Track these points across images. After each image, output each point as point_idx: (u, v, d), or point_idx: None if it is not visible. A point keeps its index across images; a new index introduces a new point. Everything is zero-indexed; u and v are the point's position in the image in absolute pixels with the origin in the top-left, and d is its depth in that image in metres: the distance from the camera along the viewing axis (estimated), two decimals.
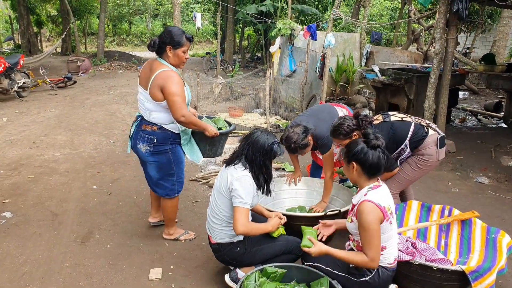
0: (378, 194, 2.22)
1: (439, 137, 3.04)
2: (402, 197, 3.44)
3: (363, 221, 2.15)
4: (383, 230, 2.20)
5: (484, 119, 7.79)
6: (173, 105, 2.74)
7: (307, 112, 3.64)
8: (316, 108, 3.78)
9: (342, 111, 3.60)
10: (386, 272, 2.30)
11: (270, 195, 2.61)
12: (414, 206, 3.16)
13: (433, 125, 3.16)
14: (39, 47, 18.12)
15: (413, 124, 3.04)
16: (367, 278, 2.28)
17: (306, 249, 2.31)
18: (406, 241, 2.78)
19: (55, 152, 5.45)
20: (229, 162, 2.53)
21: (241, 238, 2.56)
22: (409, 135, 3.01)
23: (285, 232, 2.67)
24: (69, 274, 2.85)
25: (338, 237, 3.28)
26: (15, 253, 3.10)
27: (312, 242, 2.32)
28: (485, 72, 6.93)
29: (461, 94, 9.75)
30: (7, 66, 7.88)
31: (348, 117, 3.05)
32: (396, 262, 2.35)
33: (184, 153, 3.11)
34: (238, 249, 2.54)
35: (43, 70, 9.91)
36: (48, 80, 9.71)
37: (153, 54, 2.94)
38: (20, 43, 16.98)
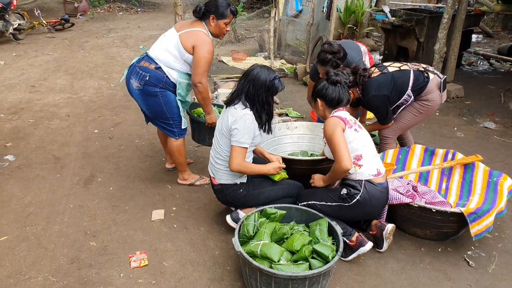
0: (340, 112, 2.39)
1: (442, 80, 2.95)
2: (402, 143, 3.39)
3: (326, 134, 2.33)
4: (349, 137, 2.32)
5: (496, 63, 7.48)
6: (197, 67, 2.78)
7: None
8: (340, 41, 3.58)
9: (363, 47, 3.46)
10: (373, 186, 2.33)
11: (271, 133, 2.59)
12: (417, 150, 3.12)
13: (431, 68, 3.04)
14: None
15: (412, 71, 2.92)
16: (357, 198, 2.33)
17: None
18: (408, 184, 2.77)
19: (55, 96, 5.37)
20: (229, 102, 2.45)
21: (244, 180, 2.56)
22: (410, 84, 2.90)
23: (287, 176, 2.66)
24: (73, 215, 2.91)
25: None
26: (20, 194, 3.16)
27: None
28: (502, 12, 6.52)
29: (474, 37, 9.29)
30: (0, 6, 7.54)
31: (345, 71, 2.87)
32: (380, 176, 2.36)
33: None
34: (241, 190, 2.55)
35: (38, 11, 9.51)
36: (44, 22, 9.34)
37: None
38: None
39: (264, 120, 2.43)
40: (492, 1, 9.07)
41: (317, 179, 2.59)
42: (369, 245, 2.37)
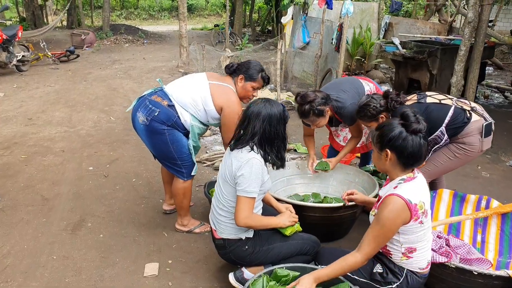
0: (410, 188, 1.82)
1: (484, 124, 2.58)
2: (433, 184, 3.04)
3: (382, 215, 1.78)
4: (408, 231, 1.83)
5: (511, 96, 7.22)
6: (228, 131, 2.58)
7: (326, 86, 3.21)
8: (337, 80, 3.38)
9: (368, 84, 3.17)
10: (417, 278, 1.94)
11: (284, 167, 2.27)
12: (445, 195, 2.77)
13: (480, 109, 2.67)
14: (45, 20, 17.61)
15: (452, 108, 2.58)
16: (393, 286, 1.93)
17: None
18: (438, 237, 2.40)
19: (52, 129, 5.13)
20: (235, 146, 2.14)
21: (250, 234, 2.21)
22: (446, 121, 2.57)
23: (300, 229, 2.30)
24: (56, 268, 2.56)
25: (357, 233, 2.94)
26: None
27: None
28: None
29: None
30: (4, 38, 7.49)
31: (376, 96, 2.65)
32: (429, 268, 1.98)
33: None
34: (246, 247, 2.19)
35: (44, 43, 9.50)
36: (49, 53, 9.31)
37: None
38: (24, 15, 16.51)
39: (282, 155, 2.18)
40: (501, 33, 8.96)
41: (305, 283, 1.81)
42: None
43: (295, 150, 4.51)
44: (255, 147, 2.09)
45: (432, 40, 6.67)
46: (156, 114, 2.58)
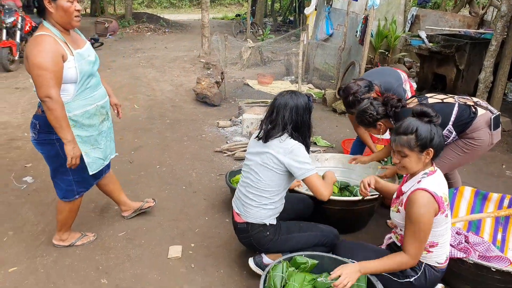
0: (434, 181, 1.87)
1: (492, 116, 2.57)
2: (448, 183, 3.04)
3: (413, 213, 1.82)
4: (436, 224, 1.87)
5: None
6: (36, 81, 2.13)
7: (365, 74, 3.28)
8: (375, 69, 3.44)
9: (402, 74, 3.22)
10: (435, 272, 1.98)
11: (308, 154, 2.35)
12: (466, 193, 2.77)
13: (483, 103, 2.67)
14: None
15: (456, 105, 2.59)
16: (411, 280, 1.97)
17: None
18: (457, 233, 2.42)
19: None
20: (268, 137, 2.23)
21: (273, 222, 2.29)
22: (452, 118, 2.57)
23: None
24: (86, 247, 2.71)
25: (375, 225, 2.99)
26: (34, 220, 2.99)
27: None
28: None
29: None
30: (33, 25, 7.71)
31: (376, 102, 2.68)
32: (447, 263, 2.01)
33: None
34: (268, 233, 2.28)
35: None
36: None
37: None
38: None
39: (308, 142, 2.30)
40: None
41: (350, 272, 1.85)
42: None
43: (315, 143, 4.55)
44: (292, 134, 2.22)
45: (461, 33, 6.51)
46: (38, 127, 2.33)
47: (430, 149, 1.86)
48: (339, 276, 1.84)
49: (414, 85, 3.43)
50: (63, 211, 2.59)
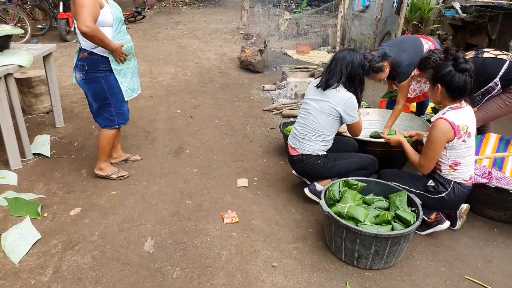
0: (456, 114, 2.32)
1: None
2: (480, 130, 3.45)
3: (431, 134, 2.35)
4: (452, 146, 2.33)
5: None
6: (77, 16, 2.65)
7: (389, 42, 3.63)
8: (400, 38, 3.75)
9: (428, 43, 3.55)
10: (461, 189, 2.46)
11: (360, 106, 2.82)
12: (492, 139, 3.20)
13: None
14: None
15: (508, 62, 2.94)
16: (443, 195, 2.47)
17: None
18: (483, 167, 2.88)
19: None
20: (327, 86, 2.71)
21: (324, 152, 2.83)
22: (500, 73, 2.93)
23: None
24: (169, 178, 3.33)
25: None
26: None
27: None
28: None
29: None
30: None
31: (437, 50, 3.03)
32: (471, 181, 2.49)
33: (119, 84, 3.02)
34: (319, 161, 2.82)
35: None
36: None
37: None
38: None
39: (360, 95, 2.75)
40: None
41: (396, 140, 2.76)
42: (447, 224, 2.53)
43: None
44: (347, 85, 2.68)
45: (494, 4, 6.67)
46: (86, 68, 2.89)
47: (438, 84, 2.34)
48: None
49: None
50: (102, 138, 3.16)
